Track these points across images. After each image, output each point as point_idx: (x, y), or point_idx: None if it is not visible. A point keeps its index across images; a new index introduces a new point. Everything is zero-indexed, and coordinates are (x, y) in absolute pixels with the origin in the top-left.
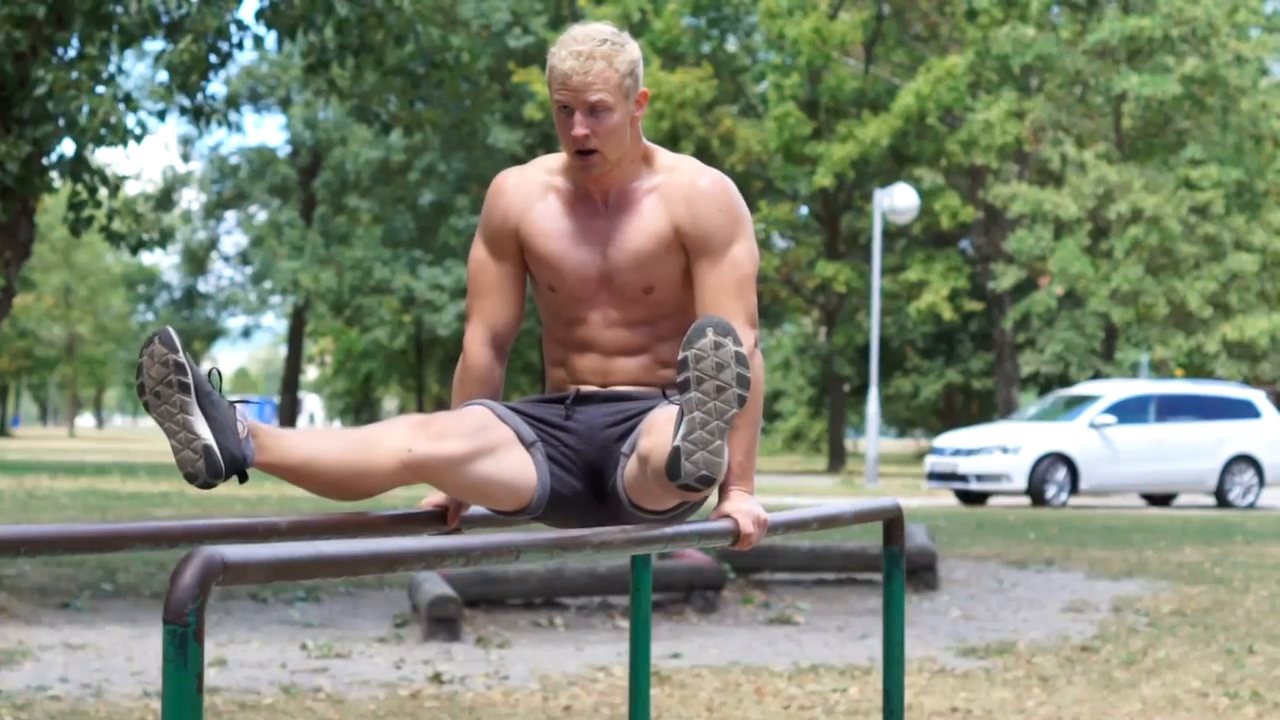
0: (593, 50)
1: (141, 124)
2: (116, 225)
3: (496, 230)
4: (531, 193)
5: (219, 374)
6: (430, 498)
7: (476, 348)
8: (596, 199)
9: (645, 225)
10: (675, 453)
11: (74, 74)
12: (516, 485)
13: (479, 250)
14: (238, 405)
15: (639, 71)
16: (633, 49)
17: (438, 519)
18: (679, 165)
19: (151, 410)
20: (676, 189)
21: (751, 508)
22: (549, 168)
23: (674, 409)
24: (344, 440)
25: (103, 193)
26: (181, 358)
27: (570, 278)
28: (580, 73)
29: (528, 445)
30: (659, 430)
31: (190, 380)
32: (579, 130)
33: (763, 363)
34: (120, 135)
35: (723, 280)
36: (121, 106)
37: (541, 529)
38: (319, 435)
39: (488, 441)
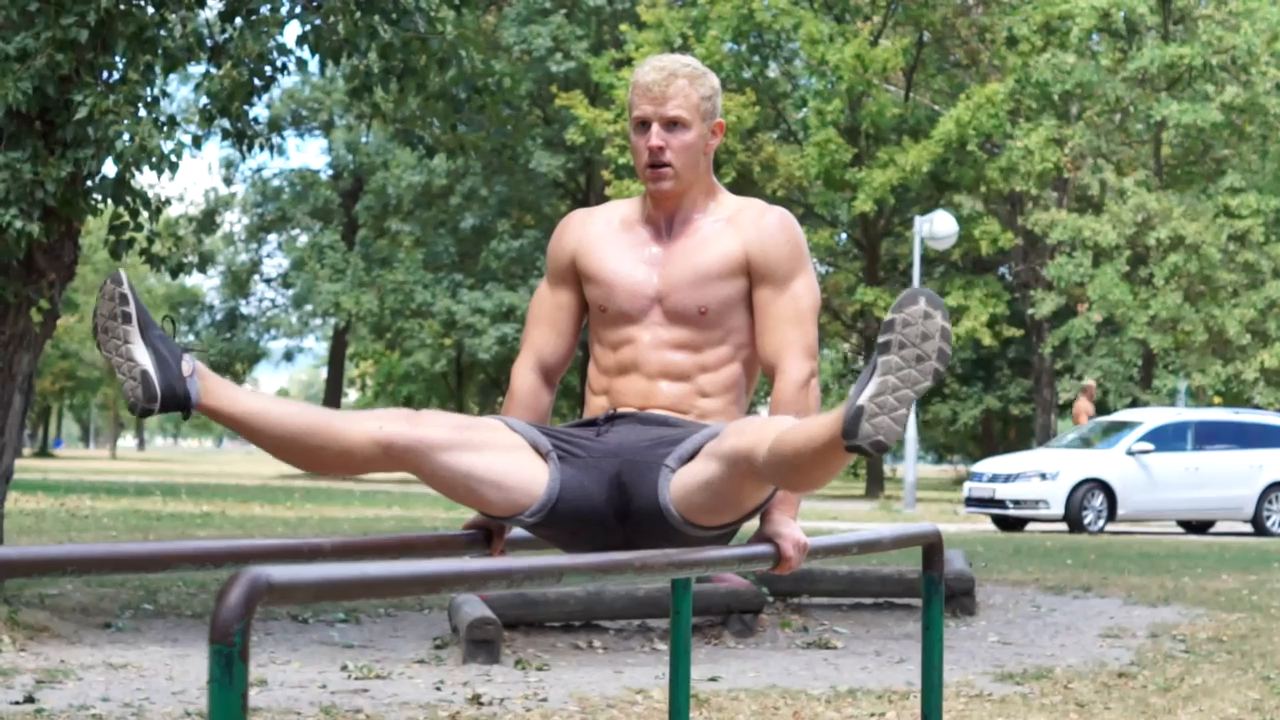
0: (676, 70)
1: (178, 149)
2: (156, 248)
3: (556, 260)
4: (595, 223)
5: (174, 322)
6: (473, 520)
7: (524, 374)
8: (660, 225)
9: (711, 247)
10: (858, 411)
11: (114, 97)
12: (508, 486)
13: (542, 285)
14: (190, 351)
15: (718, 102)
16: (714, 80)
17: (480, 543)
18: (747, 202)
19: (101, 348)
20: (747, 218)
21: (793, 531)
22: (616, 208)
23: (759, 419)
24: (316, 410)
25: (143, 215)
26: (126, 290)
27: (622, 294)
28: (661, 84)
29: (542, 454)
30: (753, 432)
31: (133, 310)
32: (655, 141)
33: (819, 394)
34: (158, 160)
35: (784, 310)
36: (157, 132)
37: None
38: (284, 400)
39: (475, 438)
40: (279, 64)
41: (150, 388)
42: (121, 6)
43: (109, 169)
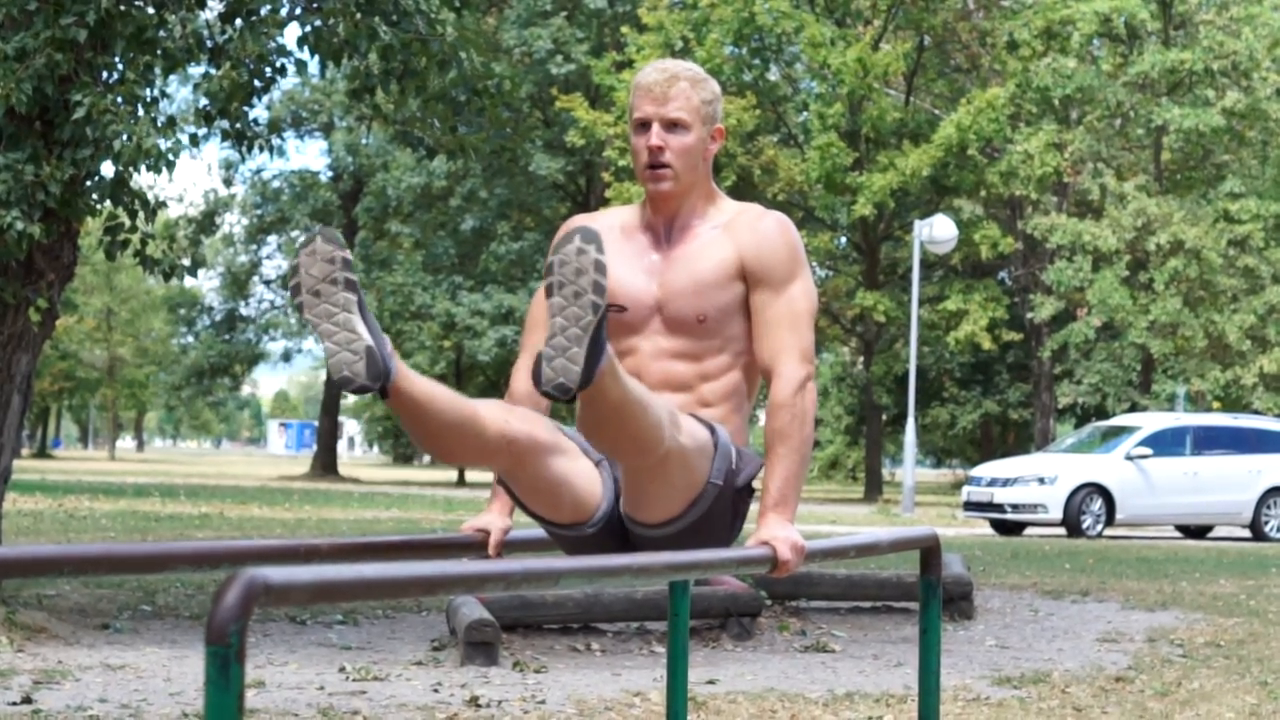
0: (678, 72)
1: (175, 149)
2: (151, 250)
3: None
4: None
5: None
6: (471, 522)
7: (524, 380)
8: (659, 231)
9: (709, 253)
10: (538, 358)
11: (112, 97)
12: (581, 494)
13: (540, 290)
14: None
15: (718, 107)
16: (715, 86)
17: (478, 545)
18: (745, 206)
19: (308, 310)
20: (743, 223)
21: (790, 534)
22: (616, 214)
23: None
24: (465, 400)
25: (140, 217)
26: (347, 253)
27: (623, 303)
28: (663, 85)
29: (595, 461)
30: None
31: (355, 276)
32: (655, 141)
33: (815, 397)
34: (155, 160)
35: (779, 314)
36: (155, 132)
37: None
38: (443, 387)
39: (563, 442)
40: (279, 65)
41: (376, 365)
42: (121, 7)
43: (107, 169)
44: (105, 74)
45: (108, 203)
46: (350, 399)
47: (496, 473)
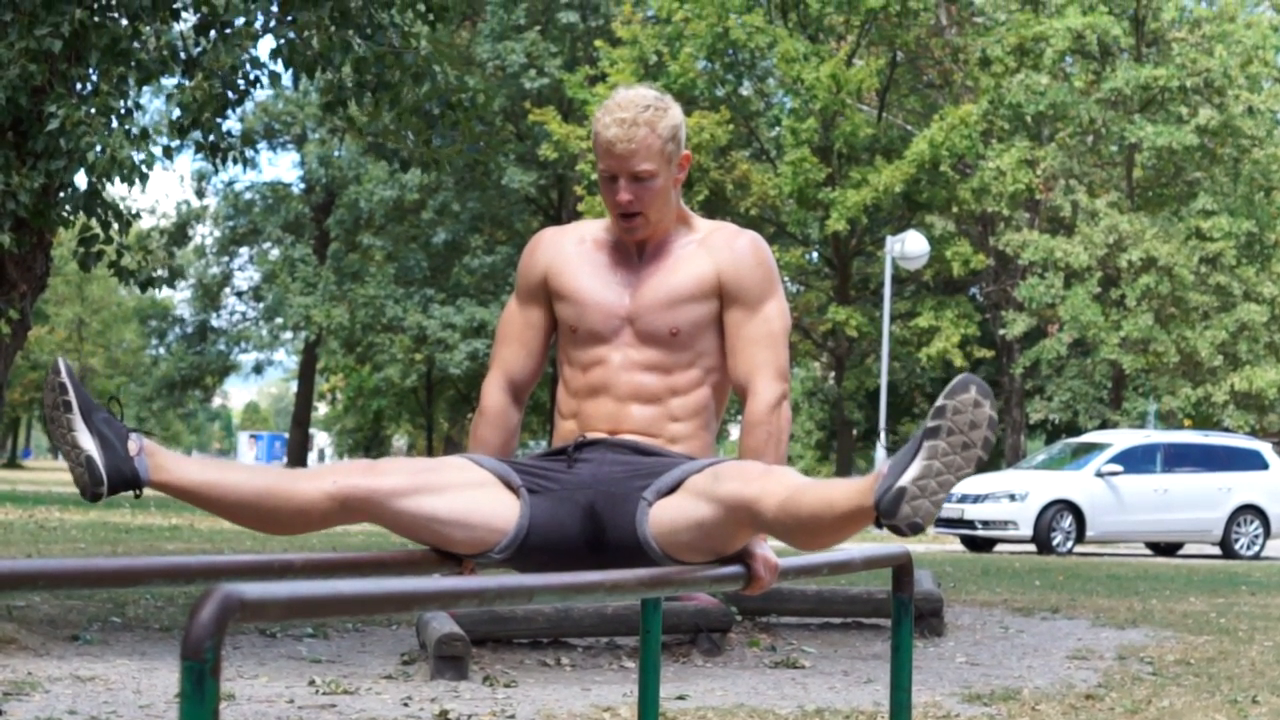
0: (636, 117)
1: (148, 160)
2: (126, 261)
3: (527, 279)
4: (566, 242)
5: (119, 403)
6: None
7: (494, 394)
8: (632, 250)
9: (684, 268)
10: (899, 493)
11: (86, 109)
12: (474, 524)
13: (511, 302)
14: (135, 431)
15: (681, 135)
16: (675, 113)
17: (452, 560)
18: (719, 225)
19: (51, 437)
20: (719, 241)
21: (764, 552)
22: (587, 227)
23: (760, 466)
24: (268, 472)
25: (114, 228)
26: (65, 379)
27: (594, 314)
28: (624, 140)
29: (513, 488)
30: (758, 481)
31: (73, 399)
32: (624, 196)
33: (790, 415)
34: (128, 172)
35: (755, 332)
36: (128, 143)
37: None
38: (235, 465)
39: (437, 480)
40: (252, 77)
41: (95, 472)
42: (96, 18)
43: (80, 180)
44: (79, 85)
45: (81, 214)
46: (320, 410)
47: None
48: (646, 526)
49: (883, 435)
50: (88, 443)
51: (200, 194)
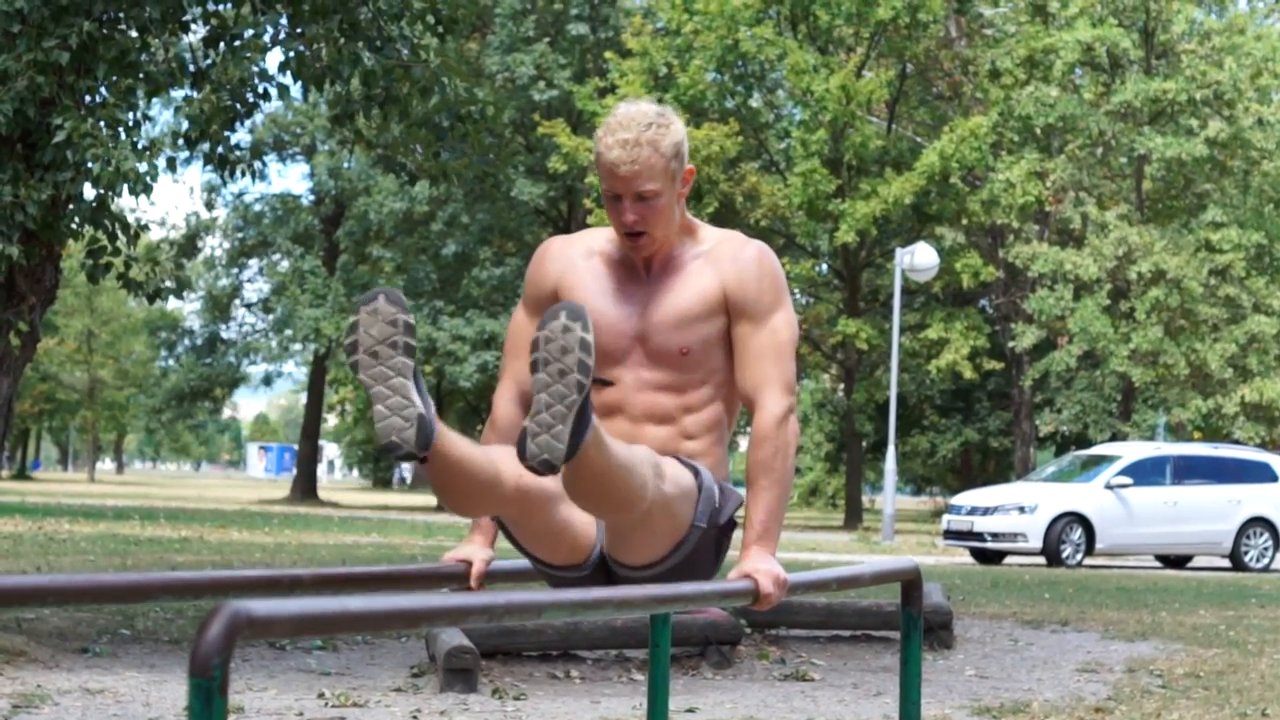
0: (638, 137)
1: (153, 172)
2: (134, 273)
3: (536, 290)
4: (574, 255)
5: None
6: (453, 553)
7: (505, 405)
8: (639, 266)
9: (691, 286)
10: (522, 433)
11: (93, 121)
12: (579, 538)
13: (519, 313)
14: None
15: (684, 151)
16: (677, 129)
17: (460, 576)
18: (725, 236)
19: (363, 370)
20: (724, 253)
21: (772, 567)
22: (594, 237)
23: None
24: (483, 454)
25: (121, 240)
26: (412, 319)
27: (605, 334)
28: (627, 162)
29: None
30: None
31: (414, 341)
32: (629, 216)
33: (798, 429)
34: (134, 183)
35: (762, 345)
36: (134, 155)
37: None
38: (477, 445)
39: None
40: (261, 90)
41: (425, 434)
42: (104, 30)
43: (88, 192)
44: (87, 97)
45: (89, 226)
46: (330, 422)
47: (501, 518)
48: (604, 538)
49: (892, 446)
50: (417, 397)
51: (210, 206)
